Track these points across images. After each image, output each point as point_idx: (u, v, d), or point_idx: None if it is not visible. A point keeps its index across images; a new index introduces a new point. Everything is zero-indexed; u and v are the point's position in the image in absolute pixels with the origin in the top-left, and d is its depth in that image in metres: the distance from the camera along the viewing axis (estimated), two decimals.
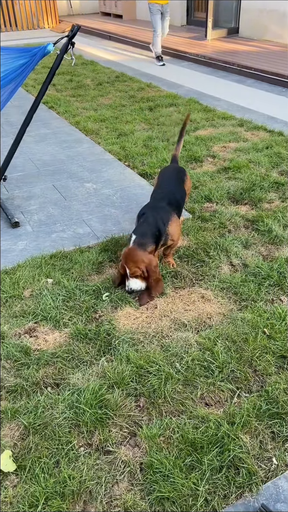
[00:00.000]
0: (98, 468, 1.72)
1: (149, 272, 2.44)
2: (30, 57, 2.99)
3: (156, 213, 2.57)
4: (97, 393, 1.94)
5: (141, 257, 2.43)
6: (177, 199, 2.75)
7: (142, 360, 2.11)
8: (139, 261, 2.42)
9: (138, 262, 2.42)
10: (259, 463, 1.72)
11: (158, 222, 2.53)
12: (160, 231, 2.52)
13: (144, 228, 2.52)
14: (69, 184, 3.94)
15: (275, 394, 1.95)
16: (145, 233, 2.49)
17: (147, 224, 2.53)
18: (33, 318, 2.41)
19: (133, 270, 2.42)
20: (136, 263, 2.42)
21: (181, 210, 2.80)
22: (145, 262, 2.43)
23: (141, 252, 2.44)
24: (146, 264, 2.42)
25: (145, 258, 2.43)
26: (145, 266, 2.42)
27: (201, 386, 2.01)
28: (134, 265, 2.42)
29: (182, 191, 2.89)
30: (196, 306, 2.49)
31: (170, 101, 5.97)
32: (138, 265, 2.42)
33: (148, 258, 2.44)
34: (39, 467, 1.70)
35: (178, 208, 2.73)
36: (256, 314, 2.39)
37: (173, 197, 2.73)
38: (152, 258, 2.46)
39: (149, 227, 2.51)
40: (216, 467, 1.69)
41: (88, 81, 7.16)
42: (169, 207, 2.64)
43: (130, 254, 2.44)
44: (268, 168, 4.03)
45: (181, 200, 2.82)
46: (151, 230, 2.50)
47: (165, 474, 1.66)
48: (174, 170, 3.05)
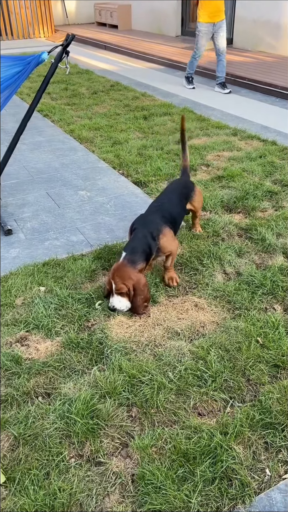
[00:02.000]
0: (89, 479, 1.69)
1: (136, 291, 2.36)
2: (24, 65, 3.00)
3: (147, 228, 2.51)
4: (88, 403, 1.92)
5: (129, 274, 2.36)
6: (173, 215, 2.67)
7: (135, 369, 2.09)
8: (127, 278, 2.35)
9: (125, 279, 2.35)
10: (252, 474, 1.70)
11: (147, 238, 2.46)
12: (150, 247, 2.45)
13: (134, 245, 2.45)
14: (63, 192, 3.94)
15: (269, 404, 1.93)
16: (135, 250, 2.42)
17: (137, 240, 2.46)
18: (24, 326, 2.39)
19: (119, 286, 2.34)
20: (123, 279, 2.35)
21: (176, 226, 2.71)
22: (133, 280, 2.35)
23: (130, 269, 2.37)
24: (133, 282, 2.35)
25: (134, 276, 2.36)
26: (132, 284, 2.35)
27: (194, 396, 1.99)
28: (121, 281, 2.34)
29: (180, 207, 2.80)
30: (190, 314, 2.47)
31: (164, 110, 6.00)
32: (125, 281, 2.34)
33: (137, 277, 2.37)
34: (29, 479, 1.67)
35: (173, 223, 2.64)
36: (250, 322, 2.38)
37: (167, 212, 2.65)
38: (141, 277, 2.39)
39: (139, 243, 2.45)
40: (208, 478, 1.66)
41: (83, 90, 7.19)
42: (160, 220, 2.57)
43: (118, 269, 2.38)
44: (261, 177, 4.04)
45: (178, 216, 2.74)
46: (141, 246, 2.43)
47: (157, 486, 1.63)
48: (178, 185, 2.96)
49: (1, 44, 11.93)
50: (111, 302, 2.41)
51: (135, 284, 2.36)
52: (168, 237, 2.56)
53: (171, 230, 2.61)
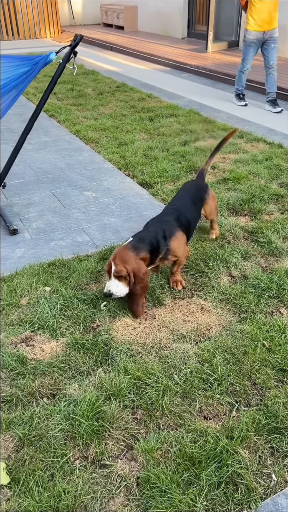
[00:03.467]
0: (93, 482, 1.68)
1: (136, 278, 2.33)
2: (32, 65, 3.00)
3: (160, 225, 2.49)
4: (93, 405, 1.91)
5: (131, 260, 2.32)
6: (187, 218, 2.63)
7: (140, 371, 2.08)
8: (128, 262, 2.31)
9: (126, 263, 2.31)
10: (258, 479, 1.69)
11: (158, 234, 2.44)
12: (158, 243, 2.43)
13: (142, 234, 2.45)
14: (69, 192, 3.93)
15: (275, 408, 1.92)
16: (142, 239, 2.41)
17: (147, 232, 2.47)
18: (30, 326, 2.38)
19: (119, 268, 2.30)
20: (124, 263, 2.31)
21: (190, 231, 2.67)
22: (133, 266, 2.32)
23: (132, 254, 2.34)
24: (133, 268, 2.32)
25: (135, 262, 2.33)
26: (132, 270, 2.32)
27: (199, 399, 1.98)
28: (122, 264, 2.30)
29: (195, 211, 2.76)
30: (195, 317, 2.46)
31: (170, 112, 6.00)
32: (126, 265, 2.30)
33: (138, 263, 2.34)
34: (33, 480, 1.66)
35: (187, 228, 2.61)
36: (256, 326, 2.37)
37: (182, 215, 2.61)
38: (142, 264, 2.36)
39: (148, 235, 2.44)
40: (214, 482, 1.65)
41: (89, 90, 7.19)
42: (175, 222, 2.54)
43: (120, 252, 2.35)
44: (267, 180, 4.03)
45: (192, 220, 2.69)
46: (149, 238, 2.42)
47: (162, 489, 1.62)
48: (193, 188, 2.92)
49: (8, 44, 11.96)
50: (108, 286, 2.35)
51: (135, 270, 2.32)
52: (180, 241, 2.52)
53: (184, 235, 2.57)
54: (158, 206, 3.63)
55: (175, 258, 2.55)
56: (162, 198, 3.74)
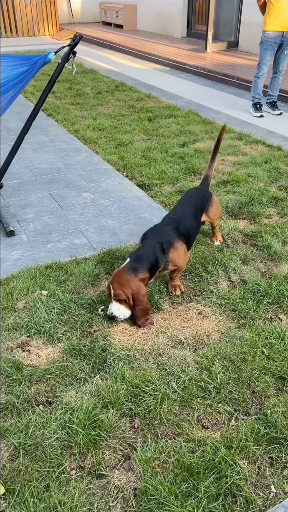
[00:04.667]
0: (90, 493, 1.65)
1: (135, 300, 2.30)
2: (30, 65, 2.96)
3: (158, 238, 2.44)
4: (90, 413, 1.88)
5: (129, 283, 2.29)
6: (187, 228, 2.58)
7: (138, 378, 2.05)
8: (126, 286, 2.28)
9: (124, 286, 2.28)
10: (257, 491, 1.66)
11: (156, 249, 2.39)
12: (157, 259, 2.38)
13: (139, 253, 2.40)
14: (66, 193, 3.89)
15: (274, 418, 1.89)
16: (140, 259, 2.36)
17: (144, 249, 2.40)
18: (26, 331, 2.35)
19: (117, 292, 2.28)
20: (121, 286, 2.28)
21: (190, 241, 2.64)
22: (132, 288, 2.28)
23: (130, 277, 2.30)
24: (132, 291, 2.29)
25: (133, 284, 2.29)
26: (131, 293, 2.29)
27: (198, 408, 1.95)
28: (119, 287, 2.28)
29: (195, 221, 2.71)
30: (194, 322, 2.43)
31: (169, 112, 5.96)
32: (124, 289, 2.28)
33: (136, 285, 2.29)
34: (29, 491, 1.63)
35: (186, 237, 2.56)
36: (255, 332, 2.34)
37: (182, 225, 2.57)
38: (140, 286, 2.31)
39: (146, 253, 2.38)
40: (213, 494, 1.63)
41: (87, 90, 7.15)
42: (173, 233, 2.49)
43: (118, 276, 2.32)
44: (266, 183, 4.01)
45: (191, 230, 2.63)
46: (148, 256, 2.37)
47: (160, 501, 1.59)
48: (195, 195, 2.86)
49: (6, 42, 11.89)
50: (110, 309, 2.36)
51: (134, 293, 2.30)
52: (179, 251, 2.48)
53: (184, 244, 2.53)
54: (156, 209, 3.60)
55: (174, 267, 2.52)
56: (160, 201, 3.71)
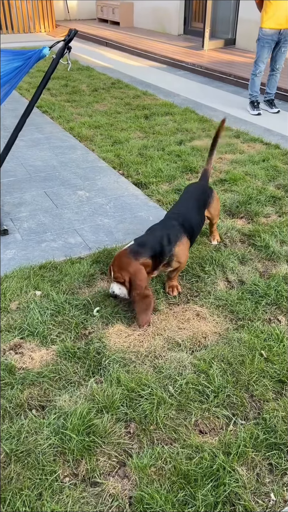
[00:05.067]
0: (84, 501, 1.59)
1: (132, 284, 2.25)
2: (24, 60, 2.89)
3: (166, 230, 2.40)
4: (85, 418, 1.82)
5: (127, 266, 2.26)
6: (191, 224, 2.54)
7: (134, 382, 1.99)
8: (124, 269, 2.26)
9: (122, 269, 2.26)
10: (256, 499, 1.62)
11: (163, 239, 2.35)
12: (162, 249, 2.34)
13: (145, 238, 2.36)
14: (61, 191, 3.83)
15: (273, 423, 1.85)
16: (144, 243, 2.33)
17: (150, 236, 2.38)
18: (19, 333, 2.29)
19: (116, 275, 2.29)
20: (120, 269, 2.27)
21: (193, 237, 2.58)
22: (130, 272, 2.25)
23: (130, 260, 2.27)
24: (130, 274, 2.25)
25: (132, 267, 2.25)
26: (129, 276, 2.26)
27: (195, 412, 1.90)
28: (118, 270, 2.27)
29: (199, 216, 2.66)
30: (191, 324, 2.38)
31: (166, 110, 5.90)
32: (122, 272, 2.26)
33: (135, 269, 2.25)
34: (20, 499, 1.57)
35: (191, 234, 2.52)
36: (253, 334, 2.29)
37: (187, 221, 2.52)
38: (139, 270, 2.26)
39: (151, 239, 2.35)
40: (210, 503, 1.58)
41: (83, 87, 7.07)
42: (180, 228, 2.45)
43: (119, 257, 2.31)
44: (264, 181, 3.96)
45: (196, 226, 2.58)
46: (152, 243, 2.33)
47: (156, 510, 1.54)
48: (196, 190, 2.82)
49: (2, 38, 11.77)
50: (111, 288, 2.37)
51: (131, 276, 2.25)
52: (185, 246, 2.44)
53: (189, 241, 2.49)
54: (153, 207, 3.54)
55: (178, 264, 2.46)
56: (157, 199, 3.65)
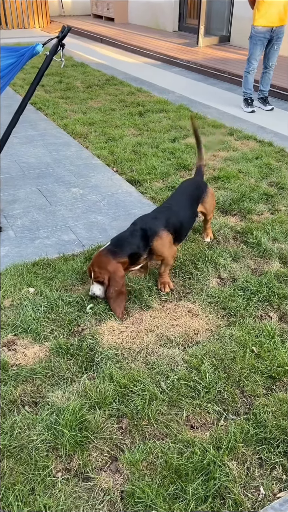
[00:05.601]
0: (76, 496, 1.61)
1: (110, 281, 2.36)
2: (18, 57, 2.89)
3: (142, 224, 2.46)
4: (77, 414, 1.84)
5: (106, 265, 2.35)
6: (179, 218, 2.56)
7: (126, 378, 2.01)
8: (103, 268, 2.35)
9: (102, 268, 2.35)
10: (246, 493, 1.64)
11: (137, 234, 2.41)
12: (139, 245, 2.40)
13: (120, 237, 2.44)
14: (55, 188, 3.83)
15: (263, 418, 1.87)
16: (120, 242, 2.40)
17: (126, 234, 2.44)
18: (12, 330, 2.30)
19: (97, 275, 2.37)
20: (100, 269, 2.36)
21: (182, 231, 2.60)
22: (109, 271, 2.35)
23: (108, 259, 2.36)
24: (109, 273, 2.35)
25: (111, 267, 2.35)
26: (108, 275, 2.35)
27: (186, 408, 1.92)
28: (99, 270, 2.36)
29: (190, 211, 2.69)
30: (183, 321, 2.40)
31: (160, 107, 5.91)
32: (102, 271, 2.35)
33: (113, 267, 2.35)
34: (13, 494, 1.59)
35: (178, 229, 2.54)
36: (245, 331, 2.31)
37: (174, 215, 2.55)
38: (118, 268, 2.36)
39: (126, 237, 2.42)
40: (201, 496, 1.60)
41: (77, 83, 7.06)
42: (160, 222, 2.48)
43: (97, 259, 2.40)
44: (257, 179, 3.98)
45: (186, 221, 2.62)
46: (128, 241, 2.39)
47: (147, 504, 1.57)
48: (190, 186, 2.86)
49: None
50: (91, 290, 2.45)
51: (110, 275, 2.36)
52: (164, 241, 2.46)
53: (170, 235, 2.50)
54: (147, 205, 3.56)
55: (160, 258, 2.51)
56: (151, 196, 3.67)
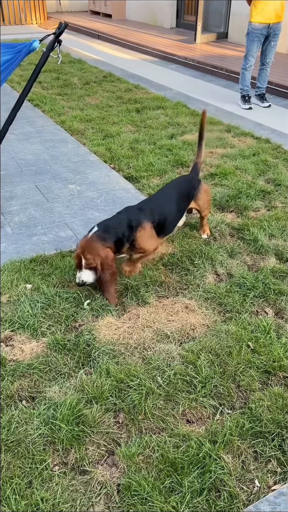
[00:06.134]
0: (73, 489, 1.63)
1: (104, 266, 2.38)
2: (15, 53, 2.89)
3: (129, 215, 2.49)
4: (74, 408, 1.86)
5: (98, 251, 2.36)
6: (163, 211, 2.58)
7: (123, 373, 2.03)
8: (95, 254, 2.36)
9: (94, 254, 2.36)
10: (241, 485, 1.66)
11: (124, 223, 2.44)
12: (124, 234, 2.44)
13: (108, 223, 2.45)
14: (52, 185, 3.84)
15: (259, 412, 1.89)
16: (108, 229, 2.42)
17: (113, 221, 2.46)
18: (9, 325, 2.31)
19: (89, 261, 2.35)
20: (92, 254, 2.35)
21: (165, 225, 2.61)
22: (101, 256, 2.37)
23: (99, 245, 2.37)
24: (101, 258, 2.37)
25: (103, 251, 2.37)
26: (100, 260, 2.36)
27: (183, 402, 1.94)
28: (91, 256, 2.35)
29: (176, 205, 2.69)
30: (180, 316, 2.42)
31: (157, 104, 5.91)
32: (95, 256, 2.35)
33: (104, 252, 2.38)
34: (11, 488, 1.61)
35: (161, 222, 2.56)
36: (241, 326, 2.33)
37: (158, 208, 2.57)
38: (109, 252, 2.40)
39: (113, 224, 2.44)
40: (196, 489, 1.62)
41: (75, 80, 7.05)
42: (145, 214, 2.52)
43: (88, 244, 2.38)
44: (254, 176, 3.99)
45: (169, 215, 2.62)
46: (115, 229, 2.42)
47: (144, 497, 1.58)
48: (182, 181, 2.87)
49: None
50: (80, 277, 2.40)
51: (103, 259, 2.37)
52: (146, 232, 2.50)
53: (153, 228, 2.54)
54: None
55: (141, 250, 2.54)
56: (148, 193, 3.67)
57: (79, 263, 2.39)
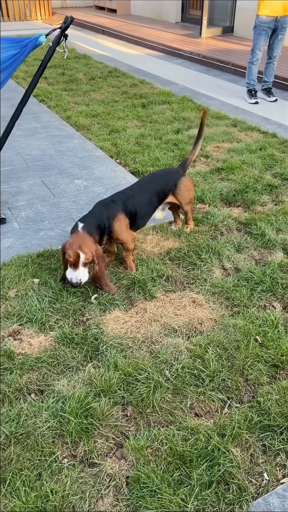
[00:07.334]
0: (82, 481, 1.64)
1: (99, 258, 2.41)
2: (21, 48, 2.88)
3: (103, 208, 2.54)
4: (82, 401, 1.86)
5: (92, 244, 2.38)
6: (134, 204, 2.61)
7: (131, 367, 2.03)
8: (91, 247, 2.36)
9: (91, 248, 2.36)
10: (250, 478, 1.66)
11: (103, 216, 2.48)
12: (105, 225, 2.48)
13: (90, 218, 2.47)
14: (59, 180, 3.84)
15: (267, 406, 1.89)
16: (91, 222, 2.45)
17: (93, 215, 2.49)
18: (17, 320, 2.32)
19: (88, 256, 2.33)
20: (89, 249, 2.34)
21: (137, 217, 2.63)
22: (96, 249, 2.40)
23: (91, 239, 2.40)
24: (96, 251, 2.39)
25: (95, 245, 2.40)
26: (96, 253, 2.38)
27: (191, 396, 1.94)
28: (89, 250, 2.33)
29: (148, 198, 2.71)
30: (187, 310, 2.42)
31: (163, 99, 5.88)
32: (92, 250, 2.36)
33: (96, 245, 2.42)
34: (20, 480, 1.62)
35: (132, 213, 2.60)
36: (248, 320, 2.33)
37: (130, 200, 2.61)
38: (98, 245, 2.45)
39: (94, 218, 2.47)
40: (205, 482, 1.62)
41: (80, 75, 7.04)
42: (117, 205, 2.56)
43: (82, 240, 2.35)
44: (261, 170, 3.97)
45: (140, 207, 2.64)
46: (97, 221, 2.46)
47: (153, 489, 1.59)
48: (159, 174, 2.89)
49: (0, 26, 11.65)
50: (77, 276, 2.34)
51: (97, 251, 2.39)
52: (122, 223, 2.54)
53: (127, 219, 2.58)
54: None
55: (119, 241, 2.58)
56: None
57: (76, 261, 2.32)
